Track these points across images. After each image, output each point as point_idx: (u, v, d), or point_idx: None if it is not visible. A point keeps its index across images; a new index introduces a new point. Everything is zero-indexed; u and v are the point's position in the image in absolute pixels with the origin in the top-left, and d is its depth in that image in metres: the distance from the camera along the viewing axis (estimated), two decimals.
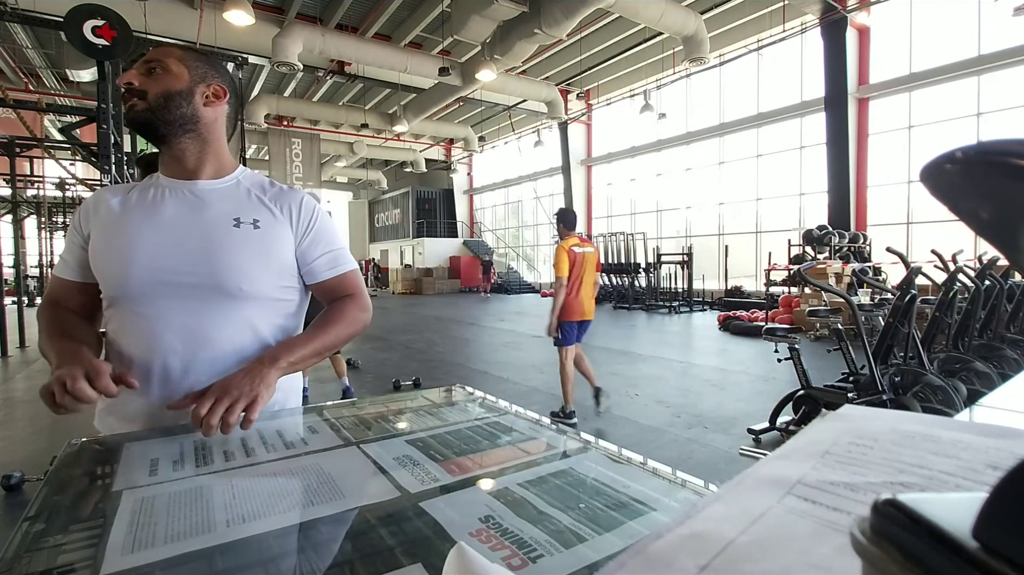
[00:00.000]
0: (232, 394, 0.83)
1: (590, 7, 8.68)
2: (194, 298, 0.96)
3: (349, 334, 1.08)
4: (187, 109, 0.99)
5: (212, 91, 1.02)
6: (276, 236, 1.03)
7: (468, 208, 25.06)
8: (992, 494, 0.15)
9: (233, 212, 1.01)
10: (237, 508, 0.57)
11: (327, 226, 1.11)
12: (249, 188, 1.06)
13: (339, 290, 1.11)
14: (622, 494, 0.61)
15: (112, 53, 3.46)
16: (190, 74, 1.00)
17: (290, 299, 1.08)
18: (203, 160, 1.03)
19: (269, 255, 1.01)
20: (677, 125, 15.04)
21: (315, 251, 1.08)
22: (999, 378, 3.50)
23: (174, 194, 1.01)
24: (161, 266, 0.95)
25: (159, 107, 0.97)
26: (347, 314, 1.08)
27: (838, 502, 0.25)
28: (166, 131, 0.99)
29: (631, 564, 0.23)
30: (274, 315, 1.04)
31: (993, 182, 0.16)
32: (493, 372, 5.95)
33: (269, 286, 1.02)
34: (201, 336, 0.96)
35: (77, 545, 0.51)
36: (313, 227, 1.08)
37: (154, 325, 0.95)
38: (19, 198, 8.24)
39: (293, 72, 10.92)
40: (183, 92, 0.98)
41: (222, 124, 1.07)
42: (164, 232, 0.97)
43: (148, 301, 0.95)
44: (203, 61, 1.04)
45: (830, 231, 9.65)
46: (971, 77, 9.85)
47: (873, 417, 0.34)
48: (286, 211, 1.06)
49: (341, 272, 1.11)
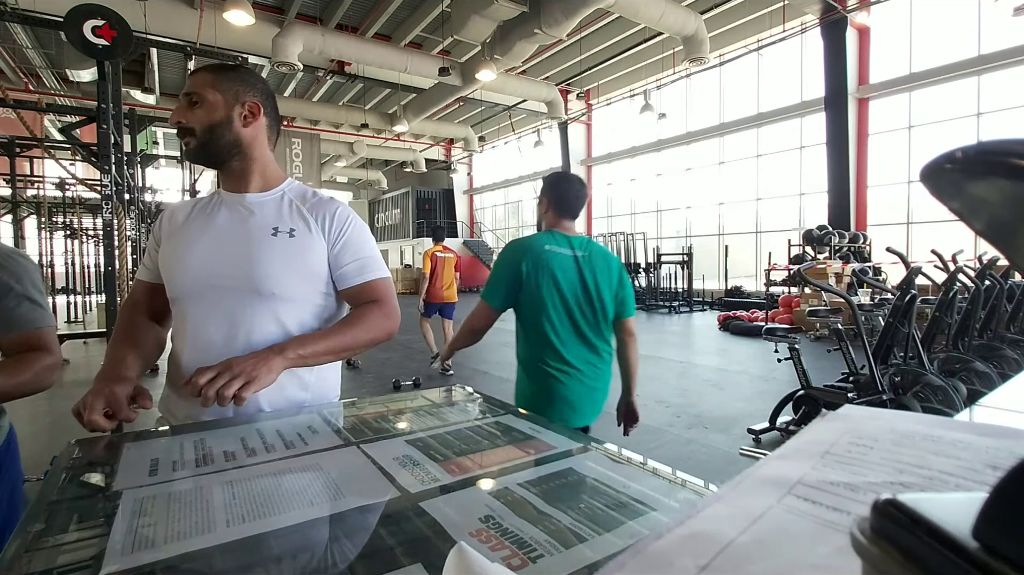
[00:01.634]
0: (233, 371, 0.90)
1: (590, 7, 8.68)
2: (234, 299, 1.05)
3: (369, 339, 1.10)
4: (230, 136, 1.08)
5: (248, 110, 1.10)
6: (310, 244, 1.10)
7: (468, 208, 25.05)
8: (992, 494, 0.15)
9: (273, 222, 1.10)
10: (237, 508, 0.57)
11: (359, 234, 1.16)
12: (292, 199, 1.14)
13: (366, 296, 1.14)
14: (622, 494, 0.61)
15: (112, 53, 3.45)
16: (224, 99, 1.07)
17: (323, 304, 1.13)
18: (249, 175, 1.13)
19: (302, 262, 1.08)
20: (677, 125, 15.03)
21: (345, 257, 1.13)
22: (999, 378, 3.49)
23: (228, 207, 1.12)
24: (208, 270, 1.05)
25: (207, 141, 1.07)
26: (368, 318, 1.10)
27: (838, 502, 0.25)
28: (218, 159, 1.10)
29: (631, 564, 0.23)
30: (308, 318, 1.10)
31: (993, 182, 0.16)
32: (493, 372, 5.95)
33: (302, 290, 1.09)
34: (238, 335, 1.04)
35: (77, 545, 0.51)
36: (345, 235, 1.13)
37: (199, 323, 1.05)
38: (19, 198, 8.24)
39: (293, 72, 10.92)
40: (223, 122, 1.07)
41: (263, 138, 1.14)
42: (213, 240, 1.08)
43: (197, 301, 1.06)
44: (234, 79, 1.10)
45: (830, 231, 9.65)
46: (971, 77, 9.85)
47: (873, 417, 0.34)
48: (320, 220, 1.12)
49: (369, 279, 1.14)
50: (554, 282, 1.71)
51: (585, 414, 1.80)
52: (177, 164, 9.69)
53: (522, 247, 1.76)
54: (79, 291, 11.71)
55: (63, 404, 4.69)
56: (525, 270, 1.71)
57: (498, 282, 1.74)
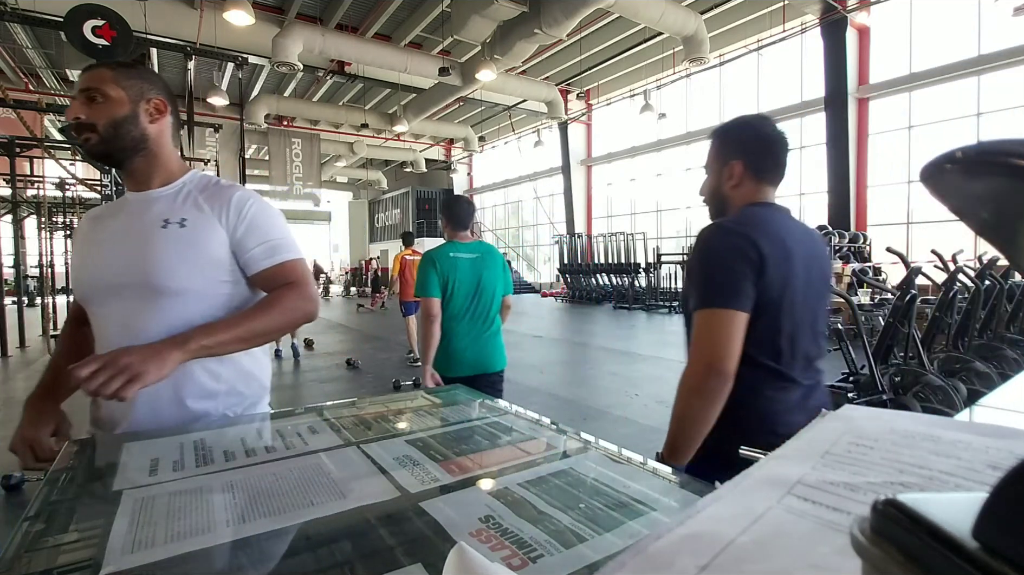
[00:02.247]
0: (118, 365, 0.84)
1: (590, 7, 8.68)
2: (131, 298, 1.01)
3: (284, 321, 1.06)
4: (136, 132, 1.05)
5: (153, 106, 1.07)
6: (204, 232, 1.05)
7: None
8: (992, 494, 0.15)
9: (164, 214, 1.05)
10: (237, 508, 0.57)
11: (264, 217, 1.10)
12: (191, 190, 1.10)
13: (279, 279, 1.09)
14: (622, 494, 0.61)
15: (112, 53, 3.46)
16: (128, 95, 1.04)
17: (229, 294, 1.08)
18: (152, 172, 1.09)
19: (195, 251, 1.03)
20: (677, 125, 15.03)
21: (250, 241, 1.07)
22: (999, 378, 3.49)
23: (128, 206, 1.10)
24: (103, 271, 1.04)
25: (111, 137, 1.03)
26: (281, 301, 1.05)
27: (838, 502, 0.25)
28: (121, 156, 1.06)
29: (631, 564, 0.23)
30: (214, 311, 1.05)
31: (993, 182, 0.16)
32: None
33: (199, 282, 1.03)
34: (137, 333, 0.99)
35: (77, 545, 0.51)
36: (247, 218, 1.08)
37: (103, 325, 1.05)
38: (19, 198, 8.23)
39: (293, 72, 10.92)
40: (128, 117, 1.03)
41: (167, 134, 1.11)
42: (108, 241, 1.06)
43: (99, 304, 1.05)
44: (137, 77, 1.07)
45: (830, 231, 9.64)
46: (971, 77, 9.85)
47: (873, 417, 0.34)
48: (216, 208, 1.07)
49: (279, 261, 1.09)
50: (457, 277, 2.42)
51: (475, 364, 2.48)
52: None
53: (436, 255, 2.45)
54: None
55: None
56: (439, 270, 2.41)
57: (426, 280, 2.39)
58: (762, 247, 1.05)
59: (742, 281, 1.04)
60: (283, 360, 7.06)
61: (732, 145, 1.22)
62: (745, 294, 1.04)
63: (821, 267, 1.20)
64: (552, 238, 18.49)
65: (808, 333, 1.13)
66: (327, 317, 13.02)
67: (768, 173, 1.20)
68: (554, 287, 19.06)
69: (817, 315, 1.17)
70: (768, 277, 1.05)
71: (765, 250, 1.05)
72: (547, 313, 12.94)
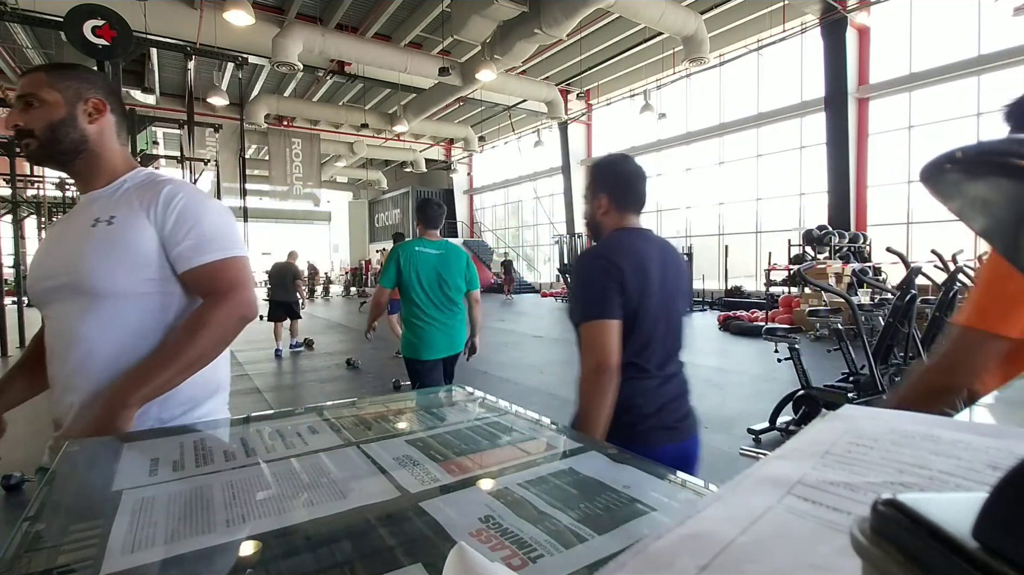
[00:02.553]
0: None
1: (590, 7, 8.68)
2: (67, 301, 0.99)
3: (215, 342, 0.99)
4: (75, 134, 1.02)
5: (92, 106, 1.04)
6: (130, 229, 1.00)
7: (468, 208, 25.05)
8: (992, 494, 0.15)
9: (96, 213, 1.02)
10: (237, 508, 0.57)
11: (195, 208, 1.03)
12: (128, 188, 1.06)
13: (206, 282, 1.01)
14: (622, 494, 0.61)
15: (112, 53, 3.46)
16: (64, 97, 1.02)
17: (163, 293, 1.02)
18: (96, 172, 1.07)
19: (121, 249, 0.99)
20: (677, 125, 15.03)
21: (178, 235, 1.01)
22: None
23: (76, 207, 1.09)
24: (41, 275, 1.03)
25: (49, 141, 1.01)
26: (207, 323, 0.98)
27: (838, 502, 0.25)
28: (63, 159, 1.04)
29: (631, 564, 0.23)
30: (147, 315, 1.01)
31: (993, 182, 0.16)
32: (493, 372, 5.95)
33: (128, 282, 0.99)
34: (73, 335, 0.98)
35: (77, 545, 0.51)
36: (175, 211, 1.01)
37: (47, 329, 1.04)
38: (19, 198, 8.24)
39: (293, 72, 10.92)
40: (65, 119, 1.01)
41: (110, 133, 1.08)
42: (49, 243, 1.07)
43: (41, 307, 1.04)
44: (72, 78, 1.04)
45: (830, 231, 9.64)
46: (971, 77, 9.85)
47: (873, 417, 0.34)
48: (144, 202, 1.02)
49: (208, 260, 1.00)
50: (419, 269, 2.77)
51: (442, 348, 2.84)
52: (177, 164, 9.68)
53: (402, 248, 2.82)
54: None
55: None
56: (403, 261, 2.78)
57: (386, 270, 2.76)
58: (622, 266, 1.30)
59: (611, 295, 1.29)
60: (283, 360, 7.07)
61: (599, 181, 1.46)
62: (615, 304, 1.29)
63: (676, 277, 1.44)
64: (552, 238, 18.49)
65: (665, 334, 1.37)
66: (327, 317, 13.02)
67: (629, 204, 1.44)
68: (554, 287, 19.06)
69: (672, 319, 1.39)
70: (630, 290, 1.30)
71: (625, 268, 1.30)
72: (547, 313, 12.94)
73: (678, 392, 1.40)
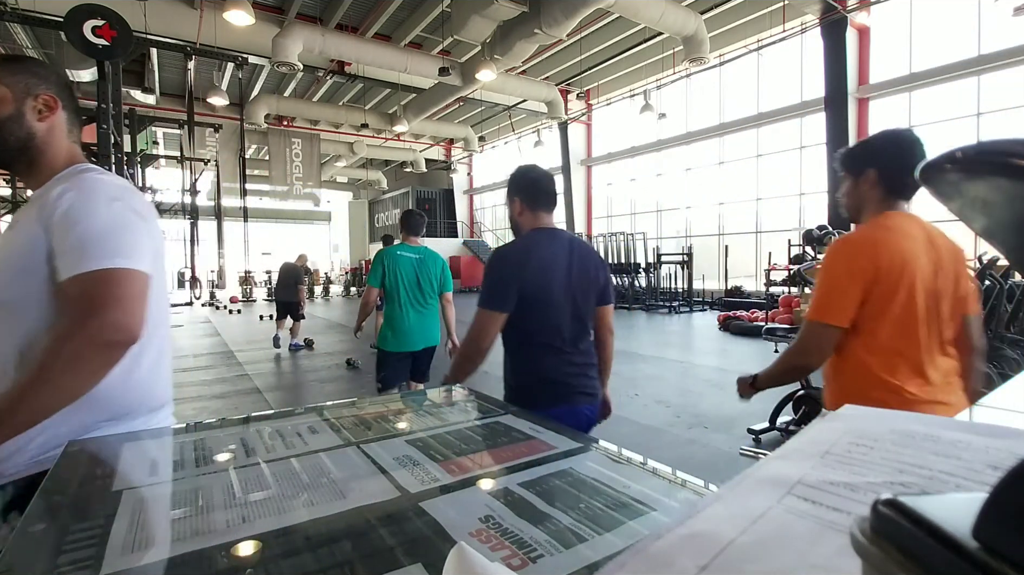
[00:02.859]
0: None
1: (590, 7, 8.68)
2: None
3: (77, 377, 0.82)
4: (21, 132, 0.96)
5: (42, 103, 0.98)
6: (22, 233, 0.92)
7: (468, 208, 25.04)
8: (992, 494, 0.15)
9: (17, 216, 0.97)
10: (237, 508, 0.57)
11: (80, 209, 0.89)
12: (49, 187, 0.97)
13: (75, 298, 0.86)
14: (622, 494, 0.61)
15: (112, 53, 3.46)
16: (13, 92, 0.96)
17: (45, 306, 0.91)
18: (40, 171, 1.00)
19: (16, 256, 0.91)
20: (677, 125, 15.03)
21: (61, 242, 0.88)
22: (999, 378, 3.49)
23: None
24: None
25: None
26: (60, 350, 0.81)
27: (838, 502, 0.25)
28: (6, 158, 0.97)
29: (631, 564, 0.23)
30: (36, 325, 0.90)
31: (993, 182, 0.16)
32: (493, 372, 5.94)
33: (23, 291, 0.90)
34: None
35: (77, 545, 0.51)
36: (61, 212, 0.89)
37: None
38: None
39: (293, 72, 10.92)
40: (12, 116, 0.95)
41: (60, 131, 1.02)
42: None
43: None
44: (22, 72, 0.98)
45: (830, 231, 9.62)
46: (971, 77, 9.85)
47: (873, 417, 0.34)
48: (41, 202, 0.93)
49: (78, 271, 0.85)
50: (401, 271, 3.14)
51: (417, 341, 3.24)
52: (177, 164, 9.69)
53: (385, 253, 3.19)
54: None
55: None
56: (386, 264, 3.15)
57: (373, 272, 3.11)
58: (522, 266, 1.53)
59: (504, 290, 1.51)
60: (283, 360, 7.07)
61: (513, 188, 1.73)
62: (506, 299, 1.51)
63: (585, 270, 1.63)
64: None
65: (572, 318, 1.58)
66: (327, 317, 13.02)
67: (540, 206, 1.70)
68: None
69: (580, 305, 1.61)
70: (529, 286, 1.51)
71: (525, 267, 1.53)
72: None
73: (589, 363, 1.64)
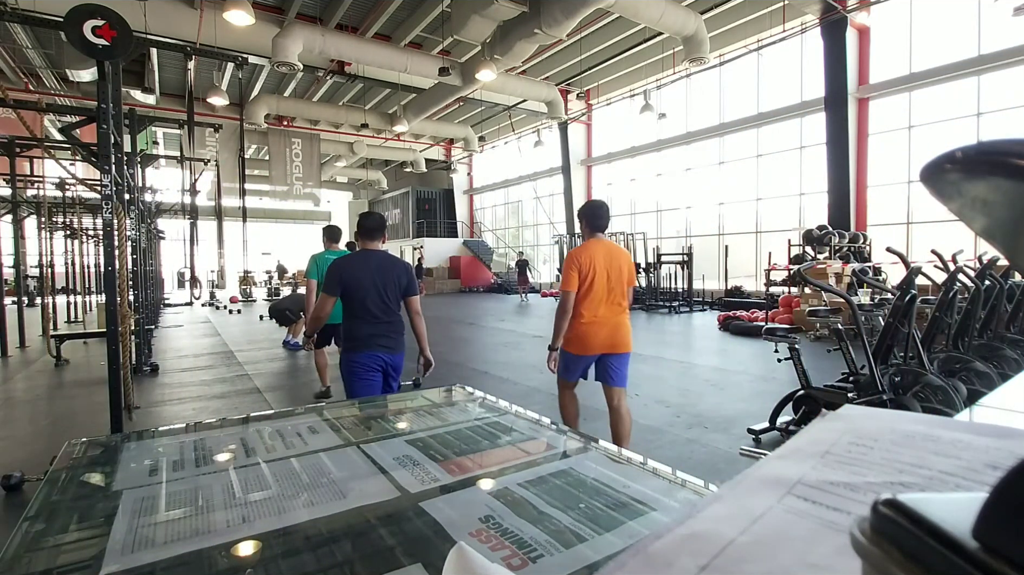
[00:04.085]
0: None
1: (590, 7, 8.68)
2: None
3: None
4: None
5: None
6: None
7: (468, 208, 25.05)
8: (992, 494, 0.15)
9: None
10: (237, 508, 0.57)
11: None
12: None
13: None
14: (622, 494, 0.61)
15: (112, 53, 3.45)
16: None
17: None
18: None
19: None
20: (677, 125, 15.03)
21: None
22: (999, 378, 3.49)
23: None
24: None
25: None
26: None
27: (838, 502, 0.25)
28: None
29: (631, 564, 0.23)
30: None
31: (993, 182, 0.16)
32: (493, 372, 5.94)
33: None
34: None
35: (77, 545, 0.51)
36: None
37: None
38: (19, 198, 8.24)
39: (293, 72, 10.92)
40: None
41: None
42: None
43: None
44: None
45: (830, 231, 9.64)
46: (971, 77, 9.85)
47: (873, 417, 0.34)
48: None
49: None
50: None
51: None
52: (177, 164, 9.68)
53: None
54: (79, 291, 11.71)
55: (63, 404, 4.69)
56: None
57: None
58: (344, 267, 2.71)
59: (335, 284, 2.67)
60: (283, 360, 7.07)
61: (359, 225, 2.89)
62: (332, 287, 2.68)
63: (386, 272, 2.74)
64: (552, 238, 18.49)
65: (376, 299, 2.71)
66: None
67: (365, 233, 2.83)
68: (554, 287, 19.05)
69: (383, 292, 2.72)
70: (346, 280, 2.67)
71: (346, 268, 2.70)
72: (547, 313, 12.93)
73: (393, 331, 2.80)
